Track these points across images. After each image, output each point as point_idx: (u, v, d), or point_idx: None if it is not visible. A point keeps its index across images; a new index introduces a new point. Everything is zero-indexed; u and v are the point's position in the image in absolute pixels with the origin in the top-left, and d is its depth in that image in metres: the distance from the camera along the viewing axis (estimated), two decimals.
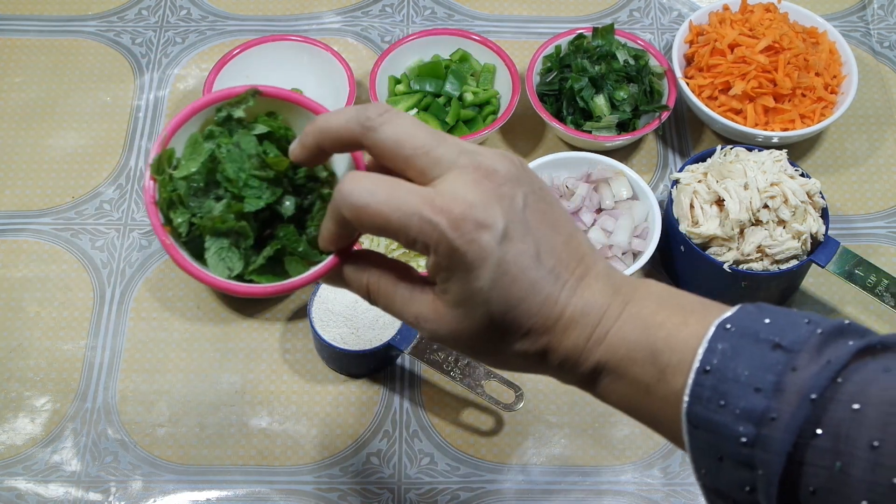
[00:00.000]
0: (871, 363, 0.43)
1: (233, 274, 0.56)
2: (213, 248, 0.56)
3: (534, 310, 0.49)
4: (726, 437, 0.44)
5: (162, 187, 0.56)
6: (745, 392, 0.43)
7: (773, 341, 0.44)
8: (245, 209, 0.55)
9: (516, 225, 0.49)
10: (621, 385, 0.49)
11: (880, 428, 0.40)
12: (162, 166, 0.56)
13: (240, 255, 0.56)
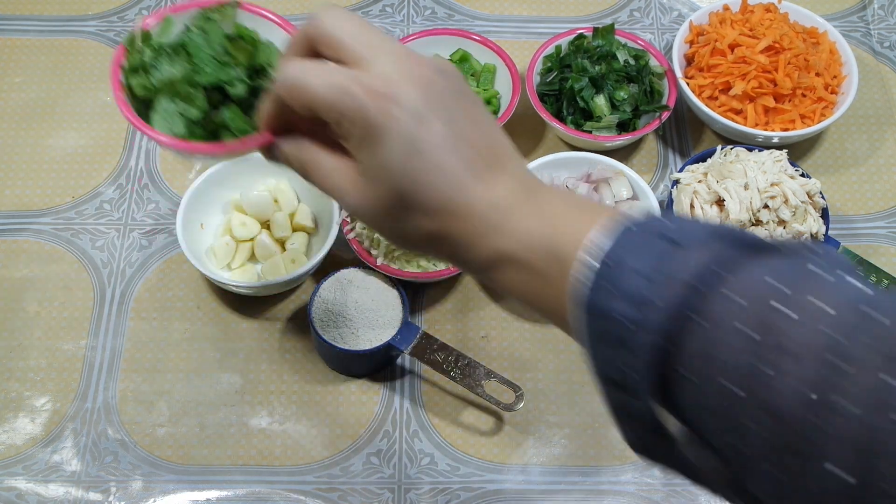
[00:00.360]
0: (755, 259, 0.44)
1: (173, 134, 0.62)
2: (160, 109, 0.63)
3: (440, 191, 0.52)
4: (614, 321, 0.45)
5: (130, 56, 0.64)
6: (635, 278, 0.45)
7: (669, 237, 0.46)
8: (197, 79, 0.63)
9: (436, 110, 0.52)
10: (520, 275, 0.51)
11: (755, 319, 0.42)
12: (135, 41, 0.64)
13: (184, 123, 0.63)
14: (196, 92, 0.64)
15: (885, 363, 0.38)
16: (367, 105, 0.51)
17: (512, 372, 0.84)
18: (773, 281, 0.42)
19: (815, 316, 0.40)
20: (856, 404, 0.38)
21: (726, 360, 0.42)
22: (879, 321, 0.39)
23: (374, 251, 0.83)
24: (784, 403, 0.40)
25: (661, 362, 0.44)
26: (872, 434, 0.37)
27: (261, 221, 0.89)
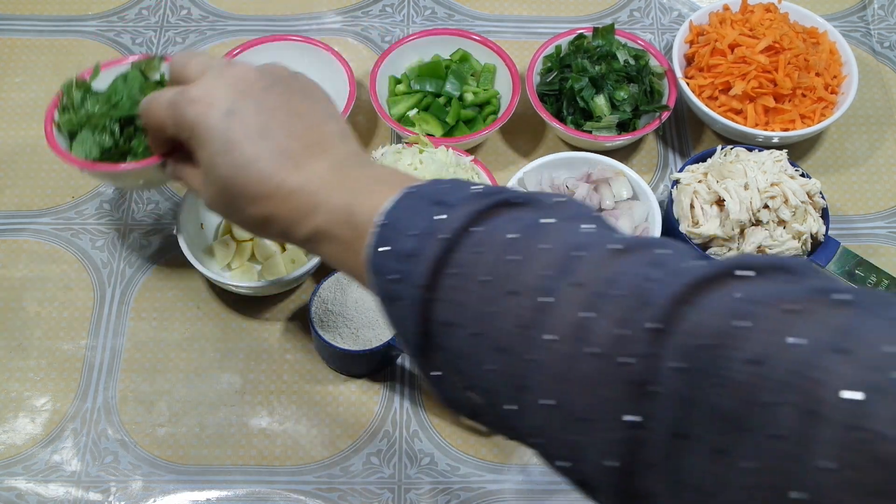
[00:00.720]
0: (505, 214, 0.48)
1: (88, 158, 0.77)
2: (80, 139, 0.78)
3: (254, 176, 0.58)
4: (386, 276, 0.50)
5: (66, 98, 0.80)
6: (403, 237, 0.49)
7: (439, 200, 0.50)
8: (112, 114, 0.78)
9: (247, 105, 0.59)
10: (331, 246, 0.56)
11: (491, 266, 0.46)
12: (71, 88, 0.80)
13: (99, 150, 0.77)
14: (111, 124, 0.78)
15: (586, 302, 0.41)
16: (187, 110, 0.60)
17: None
18: (510, 229, 0.47)
19: (539, 260, 0.44)
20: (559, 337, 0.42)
21: (467, 304, 0.46)
22: (585, 259, 0.44)
23: None
24: (504, 339, 0.44)
25: (424, 311, 0.48)
26: (571, 362, 0.41)
27: None
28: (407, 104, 0.96)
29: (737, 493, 0.35)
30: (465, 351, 0.47)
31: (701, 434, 0.36)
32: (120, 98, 0.80)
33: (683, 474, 0.37)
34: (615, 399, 0.39)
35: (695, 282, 0.39)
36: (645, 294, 0.40)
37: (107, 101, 0.80)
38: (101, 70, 0.83)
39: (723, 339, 0.36)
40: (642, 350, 0.39)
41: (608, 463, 0.40)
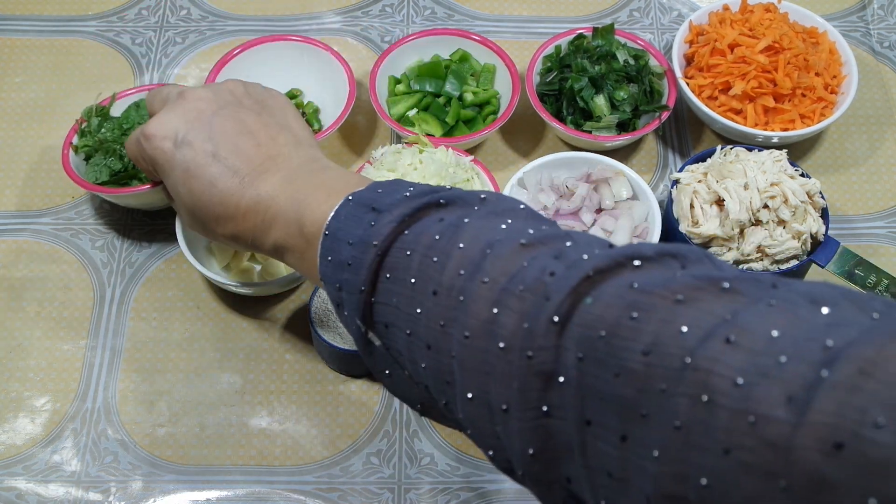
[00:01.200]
0: (433, 214, 0.51)
1: (97, 181, 0.86)
2: (92, 162, 0.88)
3: (214, 199, 0.62)
4: (332, 285, 0.53)
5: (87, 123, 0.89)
6: (342, 246, 0.52)
7: (373, 206, 0.52)
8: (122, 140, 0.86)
9: (198, 133, 0.63)
10: (289, 257, 0.59)
11: (417, 268, 0.48)
12: (92, 111, 0.90)
13: (108, 172, 0.86)
14: (120, 149, 0.86)
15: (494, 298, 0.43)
16: (145, 146, 0.66)
17: None
18: (435, 231, 0.49)
19: (456, 259, 0.46)
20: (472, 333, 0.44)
21: (400, 306, 0.49)
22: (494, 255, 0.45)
23: None
24: (431, 337, 0.46)
25: (367, 314, 0.51)
26: (485, 357, 0.43)
27: None
28: (407, 104, 0.96)
29: (645, 478, 0.36)
30: (404, 350, 0.49)
31: (606, 421, 0.38)
32: (131, 125, 0.89)
33: (595, 460, 0.39)
34: (527, 390, 0.41)
35: (590, 273, 0.41)
36: (545, 288, 0.42)
37: (119, 127, 0.88)
38: (119, 99, 0.92)
39: (619, 330, 0.38)
40: (546, 343, 0.40)
41: (528, 450, 0.41)
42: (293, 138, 0.65)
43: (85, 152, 0.88)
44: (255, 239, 0.61)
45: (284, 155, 0.63)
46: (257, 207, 0.60)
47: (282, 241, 0.59)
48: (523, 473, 0.43)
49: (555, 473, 0.41)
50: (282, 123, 0.66)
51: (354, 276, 0.51)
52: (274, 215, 0.59)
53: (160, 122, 0.65)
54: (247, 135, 0.64)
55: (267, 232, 0.60)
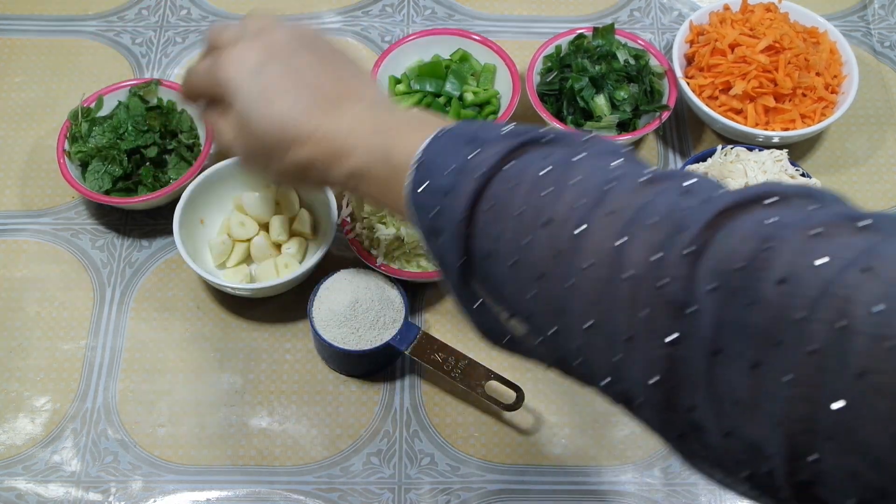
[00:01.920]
0: (537, 151, 0.51)
1: (101, 189, 0.87)
2: (92, 169, 0.88)
3: (290, 124, 0.62)
4: (426, 212, 0.53)
5: (73, 128, 0.90)
6: (439, 175, 0.52)
7: (472, 138, 0.52)
8: (121, 145, 0.88)
9: (278, 63, 0.63)
10: (370, 186, 0.60)
11: (524, 200, 0.48)
12: (78, 115, 0.90)
13: (110, 179, 0.87)
14: (119, 155, 0.88)
15: (621, 229, 0.43)
16: (221, 71, 0.65)
17: (512, 372, 0.84)
18: (541, 165, 0.49)
19: (571, 192, 0.46)
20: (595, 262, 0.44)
21: (503, 236, 0.49)
22: (616, 189, 0.45)
23: (374, 251, 0.83)
24: (541, 267, 0.46)
25: (464, 244, 0.51)
26: (609, 286, 0.43)
27: (260, 223, 0.89)
28: (407, 104, 0.96)
29: (775, 404, 0.37)
30: (505, 280, 0.49)
31: (736, 350, 0.38)
32: (125, 129, 0.89)
33: (722, 388, 0.39)
34: (655, 318, 0.41)
35: (725, 208, 0.41)
36: (678, 221, 0.42)
37: (113, 132, 0.89)
38: (105, 95, 0.92)
39: (753, 262, 0.38)
40: (678, 273, 0.41)
41: (650, 379, 0.42)
42: (367, 81, 0.67)
43: (80, 159, 0.88)
44: (330, 166, 0.61)
45: (363, 91, 0.64)
46: (338, 133, 0.61)
47: (362, 168, 0.59)
48: (643, 402, 0.43)
49: (677, 402, 0.41)
50: (355, 69, 0.67)
51: (453, 203, 0.51)
52: (356, 142, 0.60)
53: (241, 50, 0.65)
54: (324, 73, 0.64)
55: (345, 158, 0.60)
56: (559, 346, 0.48)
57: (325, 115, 0.62)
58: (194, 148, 0.91)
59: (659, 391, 0.42)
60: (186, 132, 0.91)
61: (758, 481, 0.39)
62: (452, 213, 0.51)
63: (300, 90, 0.63)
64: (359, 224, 0.83)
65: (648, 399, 0.43)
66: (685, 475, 0.80)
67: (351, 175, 0.60)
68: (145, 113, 0.90)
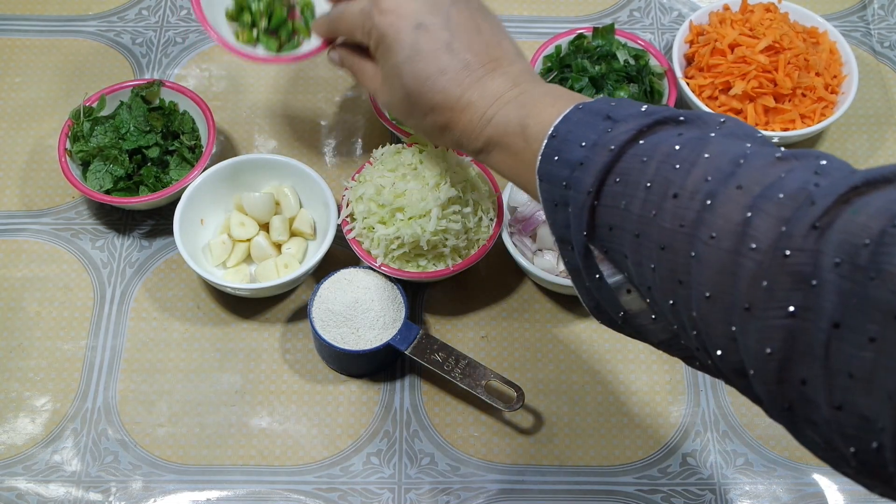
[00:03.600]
0: (671, 129, 0.51)
1: (102, 189, 0.88)
2: (93, 169, 0.88)
3: (438, 87, 0.64)
4: (555, 183, 0.54)
5: (75, 127, 0.89)
6: (572, 147, 0.53)
7: (608, 115, 0.53)
8: (122, 145, 0.89)
9: (436, 20, 0.65)
10: (503, 155, 0.61)
11: (654, 173, 0.48)
12: (80, 114, 0.90)
13: (112, 179, 0.88)
14: (121, 155, 0.88)
15: (750, 203, 0.44)
16: (378, 20, 0.66)
17: (512, 372, 0.84)
18: (675, 142, 0.49)
19: (702, 167, 0.47)
20: (720, 234, 0.44)
21: (631, 209, 0.49)
22: (747, 166, 0.46)
23: (374, 251, 0.83)
24: (665, 237, 0.47)
25: (590, 216, 0.52)
26: (732, 257, 0.43)
27: (260, 223, 0.89)
28: None
29: (889, 377, 0.37)
30: (628, 253, 0.50)
31: (856, 324, 0.38)
32: (127, 129, 0.89)
33: (838, 361, 0.39)
34: (777, 290, 0.41)
35: (857, 185, 0.41)
36: (808, 196, 0.42)
37: (115, 132, 0.89)
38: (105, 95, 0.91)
39: (883, 237, 0.38)
40: (804, 245, 0.41)
41: (766, 349, 0.42)
42: (513, 47, 0.67)
43: (81, 158, 0.89)
44: (467, 133, 0.63)
45: (508, 60, 0.65)
46: (479, 103, 0.63)
47: (497, 137, 0.61)
48: (756, 373, 0.43)
49: (790, 374, 0.42)
50: (503, 31, 0.68)
51: (584, 176, 0.52)
52: (494, 113, 0.61)
53: (402, 3, 0.66)
54: (477, 33, 0.66)
55: (483, 128, 0.62)
56: (676, 320, 0.48)
57: (472, 85, 0.63)
58: (195, 149, 0.91)
59: (773, 362, 0.42)
60: (188, 133, 0.91)
61: (864, 457, 0.39)
62: (582, 184, 0.52)
63: (453, 54, 0.64)
64: (359, 224, 0.83)
65: (762, 369, 0.43)
66: (685, 475, 0.80)
67: (487, 142, 0.62)
68: (147, 113, 0.91)
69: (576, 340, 0.87)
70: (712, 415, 0.83)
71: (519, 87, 0.62)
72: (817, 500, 0.80)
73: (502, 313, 0.88)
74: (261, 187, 0.90)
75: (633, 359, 0.86)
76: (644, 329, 0.54)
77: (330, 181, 0.88)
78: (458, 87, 0.64)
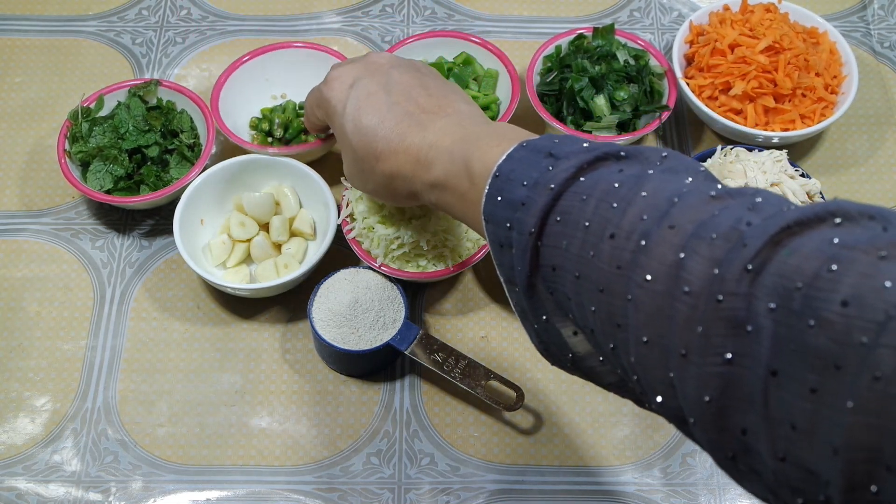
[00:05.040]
0: (612, 165, 0.51)
1: (103, 189, 0.88)
2: (93, 169, 0.88)
3: (380, 135, 0.65)
4: (499, 224, 0.53)
5: (73, 128, 0.89)
6: (515, 187, 0.53)
7: (550, 152, 0.53)
8: (122, 145, 0.89)
9: (374, 77, 0.69)
10: (447, 196, 0.61)
11: (593, 212, 0.48)
12: (78, 115, 0.90)
13: (112, 179, 0.88)
14: (121, 155, 0.88)
15: (682, 243, 0.43)
16: (322, 90, 0.73)
17: (512, 372, 0.84)
18: (614, 179, 0.49)
19: (638, 206, 0.46)
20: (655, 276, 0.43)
21: (571, 249, 0.49)
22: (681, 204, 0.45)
23: (374, 251, 0.83)
24: (603, 280, 0.46)
25: (533, 256, 0.51)
26: (667, 301, 0.43)
27: (260, 223, 0.89)
28: None
29: (834, 430, 0.35)
30: (570, 294, 0.49)
31: (795, 373, 0.37)
32: (126, 129, 0.89)
33: (778, 411, 0.38)
34: (712, 335, 0.40)
35: (789, 224, 0.40)
36: (741, 236, 0.41)
37: (114, 132, 0.89)
38: (103, 96, 0.92)
39: (817, 281, 0.37)
40: (738, 290, 0.40)
41: (703, 397, 0.41)
42: (463, 98, 0.68)
43: (80, 159, 0.89)
44: (414, 177, 0.64)
45: (454, 107, 0.66)
46: (422, 144, 0.63)
47: (443, 179, 0.61)
48: (695, 421, 0.42)
49: (730, 423, 0.40)
50: (453, 88, 0.70)
51: (526, 216, 0.51)
52: (438, 153, 0.62)
53: (340, 70, 0.72)
54: (421, 87, 0.68)
55: (428, 170, 0.62)
56: (618, 364, 0.47)
57: (414, 129, 0.64)
58: (195, 147, 0.91)
59: (711, 410, 0.41)
60: (187, 132, 0.91)
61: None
62: (524, 225, 0.51)
63: (391, 104, 0.66)
64: (359, 224, 0.83)
65: (700, 418, 0.42)
66: (685, 475, 0.80)
67: (433, 185, 0.62)
68: (146, 113, 0.91)
69: None
70: None
71: (463, 127, 0.62)
72: None
73: (502, 313, 0.88)
74: (261, 187, 0.90)
75: None
76: (593, 371, 0.53)
77: (330, 181, 0.88)
78: (399, 132, 0.65)
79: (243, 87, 0.95)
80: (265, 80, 0.97)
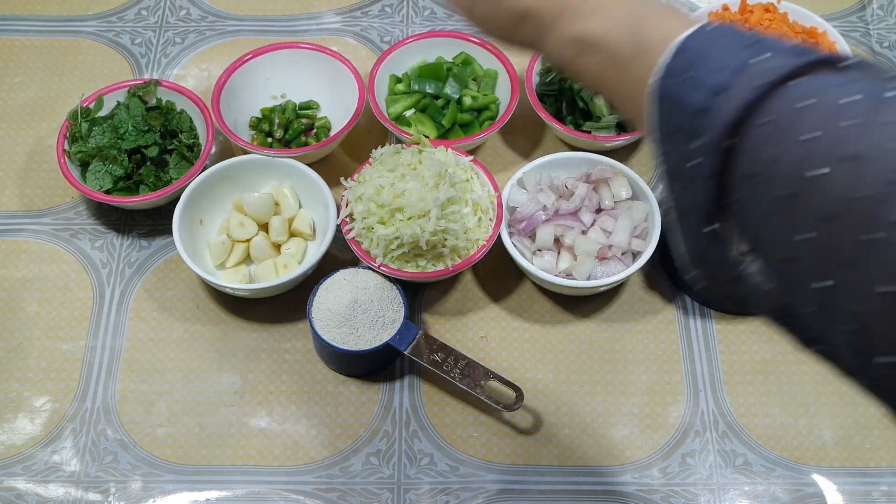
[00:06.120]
0: (831, 75, 0.43)
1: (102, 189, 0.88)
2: (93, 169, 0.89)
3: None
4: (678, 105, 0.45)
5: (73, 128, 0.90)
6: (709, 68, 0.45)
7: (754, 41, 0.45)
8: (121, 145, 0.89)
9: None
10: (595, 58, 0.52)
11: (820, 125, 0.40)
12: (77, 115, 0.90)
13: (111, 179, 0.88)
14: (120, 155, 0.88)
15: None
16: None
17: (512, 372, 0.84)
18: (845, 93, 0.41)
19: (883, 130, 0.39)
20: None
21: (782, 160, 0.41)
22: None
23: (374, 251, 0.83)
24: (833, 208, 0.38)
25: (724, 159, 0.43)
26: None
27: (259, 223, 0.89)
28: (405, 104, 0.96)
29: None
30: (769, 213, 0.42)
31: None
32: (126, 129, 0.89)
33: None
34: None
35: None
36: None
37: (113, 132, 0.89)
38: (102, 96, 0.92)
39: None
40: None
41: None
42: None
43: (79, 159, 0.89)
44: (554, 22, 0.54)
45: None
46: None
47: (597, 35, 0.51)
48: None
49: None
50: None
51: (723, 106, 0.43)
52: (600, 3, 0.52)
53: None
54: None
55: (578, 18, 0.52)
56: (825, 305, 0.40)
57: None
58: (194, 147, 0.91)
59: None
60: (186, 132, 0.91)
61: None
62: (720, 116, 0.43)
63: None
64: (358, 224, 0.83)
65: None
66: (684, 475, 0.80)
67: (578, 41, 0.52)
68: (145, 113, 0.91)
69: (575, 340, 0.87)
70: (711, 415, 0.83)
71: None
72: (816, 500, 0.80)
73: (502, 313, 0.88)
74: (260, 187, 0.90)
75: (632, 359, 0.86)
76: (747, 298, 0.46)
77: (329, 181, 0.88)
78: None
79: (243, 87, 0.95)
80: (265, 80, 0.97)
